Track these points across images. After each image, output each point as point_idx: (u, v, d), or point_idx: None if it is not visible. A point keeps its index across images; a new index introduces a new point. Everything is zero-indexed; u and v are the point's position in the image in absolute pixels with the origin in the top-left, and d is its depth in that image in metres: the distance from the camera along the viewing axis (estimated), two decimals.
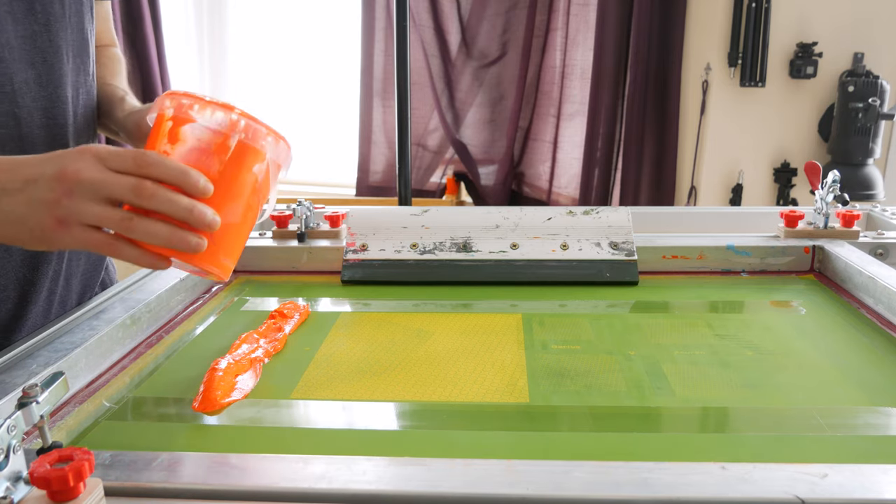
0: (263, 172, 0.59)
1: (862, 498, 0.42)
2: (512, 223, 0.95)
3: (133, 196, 0.52)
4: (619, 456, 0.52)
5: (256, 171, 0.59)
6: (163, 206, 0.53)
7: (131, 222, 0.53)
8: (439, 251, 0.94)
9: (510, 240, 0.94)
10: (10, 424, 0.39)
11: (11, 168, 0.54)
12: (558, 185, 2.67)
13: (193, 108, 0.57)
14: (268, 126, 0.59)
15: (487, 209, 0.97)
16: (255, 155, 0.58)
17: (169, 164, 0.53)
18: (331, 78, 3.01)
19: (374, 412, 0.60)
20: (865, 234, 1.00)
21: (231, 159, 0.57)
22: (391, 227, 0.96)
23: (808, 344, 0.73)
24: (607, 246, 0.93)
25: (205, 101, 0.57)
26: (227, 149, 0.56)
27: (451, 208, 0.98)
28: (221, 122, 0.57)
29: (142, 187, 0.52)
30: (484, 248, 0.93)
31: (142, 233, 0.53)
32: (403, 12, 1.42)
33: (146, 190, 0.52)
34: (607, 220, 0.94)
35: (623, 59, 2.46)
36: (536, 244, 0.93)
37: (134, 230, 0.53)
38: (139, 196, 0.52)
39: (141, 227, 0.53)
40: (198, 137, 0.56)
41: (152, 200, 0.53)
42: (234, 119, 0.57)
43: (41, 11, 0.70)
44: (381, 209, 0.98)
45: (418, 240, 0.94)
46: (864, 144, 2.25)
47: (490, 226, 0.95)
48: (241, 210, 0.58)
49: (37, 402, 0.42)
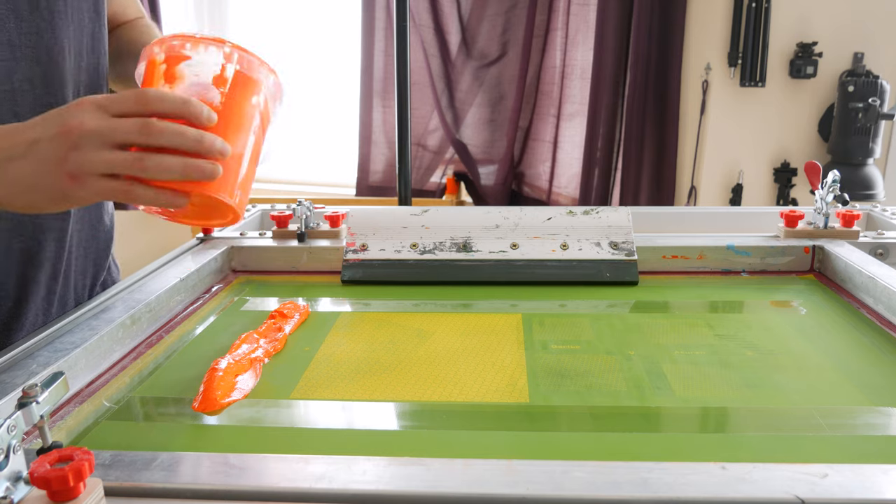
0: (263, 103, 0.60)
1: (862, 498, 0.42)
2: (512, 223, 0.95)
3: (140, 136, 0.52)
4: (619, 456, 0.52)
5: (255, 103, 0.59)
6: (173, 140, 0.53)
7: (143, 161, 0.52)
8: (439, 251, 0.94)
9: (510, 240, 0.94)
10: (10, 424, 0.39)
11: (10, 134, 0.54)
12: (558, 185, 2.67)
13: (185, 47, 0.57)
14: (260, 58, 0.59)
15: (487, 209, 0.97)
16: (253, 85, 0.58)
17: (170, 97, 0.53)
18: (331, 78, 3.01)
19: (374, 412, 0.60)
20: (865, 234, 1.00)
21: (231, 90, 0.57)
22: (391, 228, 0.96)
23: (808, 344, 0.73)
24: (607, 246, 0.93)
25: (196, 38, 0.57)
26: (226, 80, 0.57)
27: (451, 208, 0.98)
28: (216, 54, 0.57)
29: (148, 125, 0.52)
30: (484, 248, 0.93)
31: (156, 169, 0.53)
32: (403, 12, 1.42)
33: (153, 127, 0.52)
34: (607, 220, 0.94)
35: (623, 59, 2.46)
36: (536, 244, 0.93)
37: (147, 169, 0.52)
38: (147, 134, 0.52)
39: (154, 163, 0.52)
40: (195, 73, 0.56)
41: (161, 136, 0.52)
42: (227, 51, 0.57)
43: (46, 8, 0.69)
44: (381, 209, 0.98)
45: (418, 240, 0.94)
46: (864, 144, 2.25)
47: (490, 226, 0.95)
48: (246, 141, 0.58)
49: (37, 402, 0.42)
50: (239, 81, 0.57)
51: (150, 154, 0.53)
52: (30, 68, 0.68)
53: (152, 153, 0.53)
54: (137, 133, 0.52)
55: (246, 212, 1.18)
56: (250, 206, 1.21)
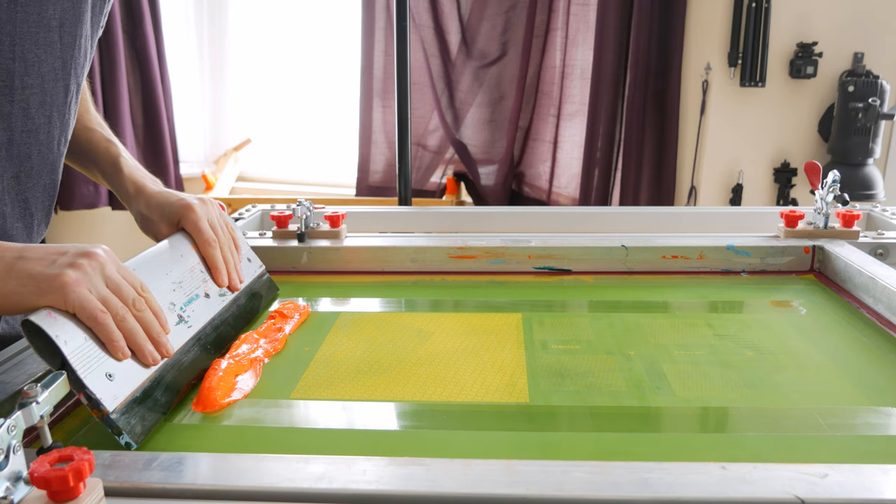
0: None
1: (862, 498, 0.42)
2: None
3: (129, 302, 0.59)
4: (619, 456, 0.52)
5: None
6: (144, 319, 0.60)
7: (128, 312, 0.58)
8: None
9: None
10: (10, 424, 0.39)
11: (36, 247, 0.58)
12: (558, 185, 2.67)
13: None
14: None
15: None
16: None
17: (154, 306, 0.62)
18: (331, 78, 3.01)
19: (373, 412, 0.60)
20: (865, 234, 1.00)
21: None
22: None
23: (808, 344, 0.73)
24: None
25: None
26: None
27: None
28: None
29: (138, 300, 0.60)
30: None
31: (131, 322, 0.58)
32: (403, 12, 1.42)
33: (139, 303, 0.59)
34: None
35: (623, 59, 2.46)
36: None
37: (126, 319, 0.58)
38: (133, 305, 0.59)
39: (131, 319, 0.58)
40: None
41: (142, 312, 0.59)
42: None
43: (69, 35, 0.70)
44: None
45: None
46: (864, 144, 2.25)
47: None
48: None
49: (37, 402, 0.42)
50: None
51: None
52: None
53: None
54: (129, 297, 0.59)
55: (246, 212, 1.18)
56: (250, 207, 1.21)
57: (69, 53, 0.70)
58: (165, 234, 0.76)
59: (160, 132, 2.81)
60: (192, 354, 0.65)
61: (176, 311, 0.66)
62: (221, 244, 0.77)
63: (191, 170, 3.02)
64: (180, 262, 0.72)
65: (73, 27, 0.70)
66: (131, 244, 2.43)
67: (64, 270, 0.54)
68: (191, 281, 0.71)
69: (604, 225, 1.25)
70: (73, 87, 0.73)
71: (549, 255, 0.96)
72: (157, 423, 0.57)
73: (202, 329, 0.68)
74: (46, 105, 0.70)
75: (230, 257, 0.78)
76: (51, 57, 0.68)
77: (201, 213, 0.76)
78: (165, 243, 0.73)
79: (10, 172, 0.69)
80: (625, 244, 0.96)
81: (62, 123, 0.73)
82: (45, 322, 0.52)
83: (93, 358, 0.53)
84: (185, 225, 0.76)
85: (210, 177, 2.93)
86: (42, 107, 0.69)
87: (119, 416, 0.53)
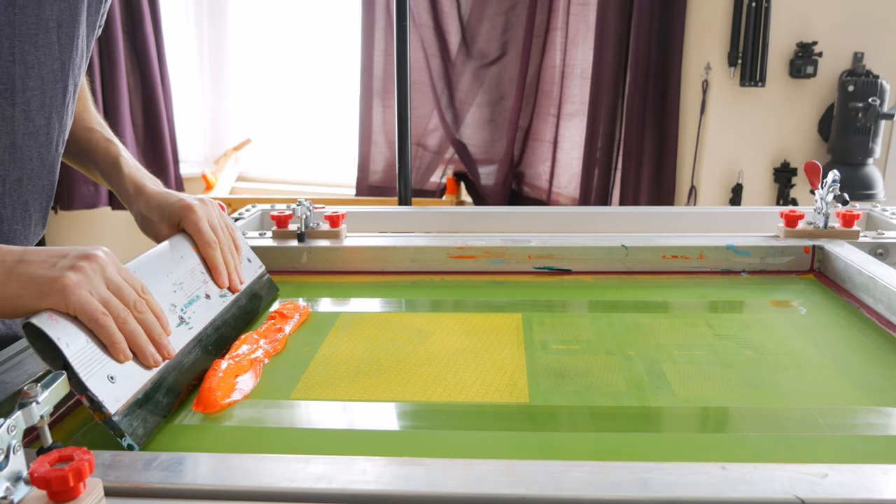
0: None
1: (862, 498, 0.42)
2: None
3: (130, 304, 0.59)
4: (619, 456, 0.52)
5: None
6: (146, 321, 0.60)
7: (130, 314, 0.58)
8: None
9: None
10: (10, 424, 0.39)
11: (37, 250, 0.57)
12: (558, 185, 2.67)
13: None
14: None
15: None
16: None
17: (155, 307, 0.62)
18: (331, 78, 3.01)
19: (373, 412, 0.60)
20: (865, 233, 1.00)
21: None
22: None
23: (808, 344, 0.73)
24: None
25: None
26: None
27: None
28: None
29: (139, 302, 0.60)
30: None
31: (132, 324, 0.58)
32: (403, 12, 1.42)
33: (140, 305, 0.60)
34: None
35: (623, 59, 2.46)
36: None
37: (128, 321, 0.58)
38: (134, 307, 0.59)
39: (133, 321, 0.58)
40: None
41: (143, 314, 0.60)
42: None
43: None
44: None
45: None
46: (864, 144, 2.25)
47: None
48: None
49: (37, 402, 0.42)
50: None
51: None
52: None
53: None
54: (130, 300, 0.59)
55: (246, 212, 1.18)
56: (250, 206, 1.21)
57: (67, 54, 0.70)
58: (165, 235, 0.76)
59: (160, 132, 2.81)
60: (193, 356, 0.65)
61: (177, 312, 0.66)
62: (222, 245, 0.77)
63: (191, 170, 3.02)
64: (181, 263, 0.72)
65: (70, 27, 0.70)
66: (131, 244, 2.43)
67: (65, 273, 0.54)
68: (191, 282, 0.71)
69: (604, 225, 1.25)
70: (71, 87, 0.73)
71: (549, 255, 0.96)
72: (159, 425, 0.57)
73: (203, 330, 0.68)
74: (46, 107, 0.70)
75: (230, 258, 0.78)
76: (50, 58, 0.68)
77: (201, 214, 0.76)
78: (166, 244, 0.73)
79: (13, 175, 0.69)
80: (625, 244, 0.96)
81: (60, 125, 0.73)
82: (46, 325, 0.52)
83: (94, 360, 0.53)
84: (185, 226, 0.76)
85: (210, 177, 2.93)
86: (42, 109, 0.69)
87: (121, 418, 0.53)
